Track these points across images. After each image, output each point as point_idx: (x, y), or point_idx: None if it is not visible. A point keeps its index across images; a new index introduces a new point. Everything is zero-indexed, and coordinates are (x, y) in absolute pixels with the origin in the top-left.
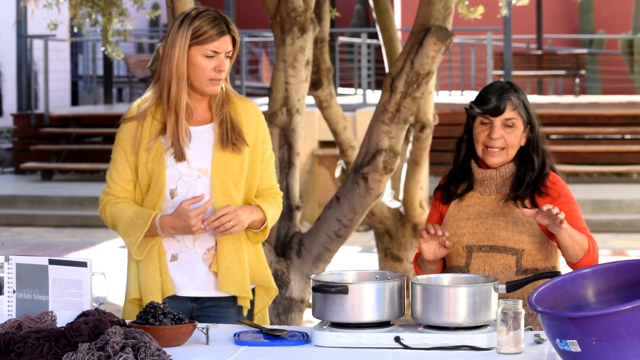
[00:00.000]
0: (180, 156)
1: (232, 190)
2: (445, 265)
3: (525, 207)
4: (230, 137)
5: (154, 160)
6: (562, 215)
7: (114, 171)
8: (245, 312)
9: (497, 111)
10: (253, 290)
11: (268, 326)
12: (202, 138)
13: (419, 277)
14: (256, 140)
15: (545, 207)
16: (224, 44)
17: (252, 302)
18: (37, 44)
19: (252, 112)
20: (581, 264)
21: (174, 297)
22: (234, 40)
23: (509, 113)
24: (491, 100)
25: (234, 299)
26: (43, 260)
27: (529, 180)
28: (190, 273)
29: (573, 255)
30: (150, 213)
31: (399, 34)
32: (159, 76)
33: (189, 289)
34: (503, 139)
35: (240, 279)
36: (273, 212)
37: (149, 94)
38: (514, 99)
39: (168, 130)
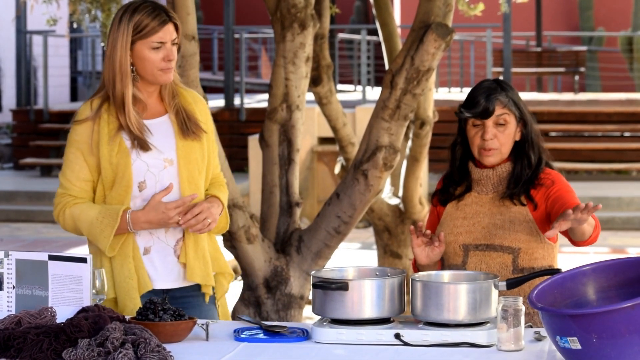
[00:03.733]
0: (145, 146)
1: (198, 179)
2: (443, 264)
3: (522, 203)
4: (189, 126)
5: (118, 155)
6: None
7: (69, 172)
8: (207, 299)
9: (487, 113)
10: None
11: (268, 322)
12: (161, 129)
13: (419, 274)
14: (208, 128)
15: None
16: (167, 33)
17: (213, 289)
18: (37, 40)
19: (199, 101)
20: (591, 239)
21: (153, 291)
22: (176, 27)
23: (498, 111)
24: (480, 102)
25: (198, 287)
26: (43, 256)
27: (525, 178)
28: (161, 266)
29: (587, 234)
30: (118, 209)
31: (398, 31)
32: (103, 76)
33: (163, 281)
34: (496, 138)
35: (205, 268)
36: (225, 200)
37: (99, 95)
38: (501, 97)
39: (124, 126)
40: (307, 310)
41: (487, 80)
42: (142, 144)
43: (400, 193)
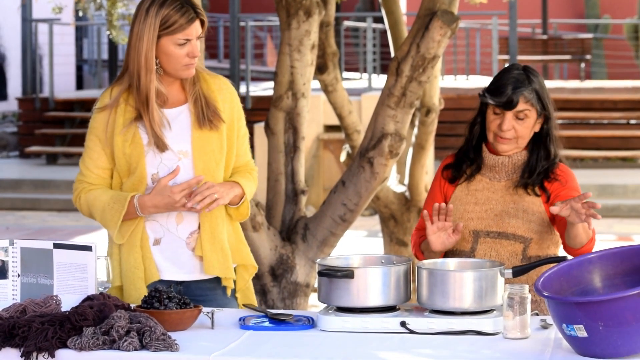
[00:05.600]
0: (162, 146)
1: (215, 170)
2: (448, 250)
3: (536, 194)
4: (206, 114)
5: (131, 146)
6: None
7: (88, 159)
8: (229, 292)
9: (510, 105)
10: (234, 269)
11: (273, 310)
12: (179, 120)
13: (425, 261)
14: (231, 117)
15: (576, 202)
16: (194, 29)
17: (233, 282)
18: (42, 28)
19: (225, 89)
20: (583, 250)
21: (160, 281)
22: (202, 22)
23: (521, 106)
24: (506, 92)
25: (218, 279)
26: (48, 244)
27: (540, 169)
28: (172, 258)
29: (579, 242)
30: (127, 195)
31: (404, 18)
32: (126, 66)
33: (173, 273)
34: (514, 129)
35: (224, 261)
36: (250, 187)
37: (120, 82)
38: (527, 93)
39: (145, 121)
40: (313, 298)
41: (516, 67)
42: (158, 144)
43: (406, 181)
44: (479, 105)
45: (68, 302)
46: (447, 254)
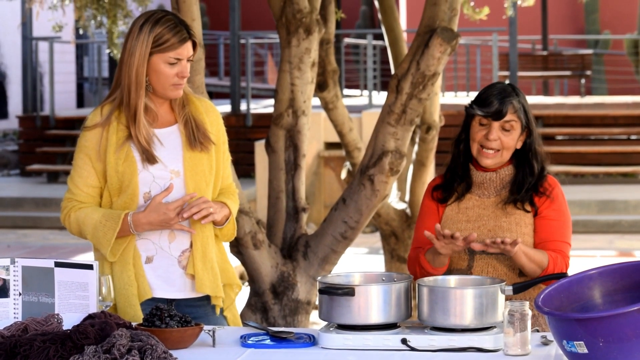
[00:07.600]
0: (152, 159)
1: (205, 190)
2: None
3: (526, 210)
4: (197, 136)
5: (124, 164)
6: (508, 241)
7: (77, 177)
8: (217, 311)
9: (499, 115)
10: None
11: (275, 328)
12: (169, 140)
13: (426, 279)
14: (218, 140)
15: (489, 241)
16: (186, 50)
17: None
18: (43, 46)
19: (212, 112)
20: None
21: (153, 299)
22: (194, 44)
23: (509, 116)
24: (493, 102)
25: (207, 298)
26: (49, 263)
27: (528, 185)
28: (164, 276)
29: (531, 273)
30: (120, 213)
31: (404, 35)
32: (118, 82)
33: (164, 291)
34: (499, 140)
35: (214, 279)
36: (235, 209)
37: (110, 100)
38: (515, 102)
39: (134, 137)
40: (314, 315)
41: (500, 83)
42: (149, 157)
43: (407, 198)
44: (463, 120)
45: (69, 320)
46: (445, 272)
